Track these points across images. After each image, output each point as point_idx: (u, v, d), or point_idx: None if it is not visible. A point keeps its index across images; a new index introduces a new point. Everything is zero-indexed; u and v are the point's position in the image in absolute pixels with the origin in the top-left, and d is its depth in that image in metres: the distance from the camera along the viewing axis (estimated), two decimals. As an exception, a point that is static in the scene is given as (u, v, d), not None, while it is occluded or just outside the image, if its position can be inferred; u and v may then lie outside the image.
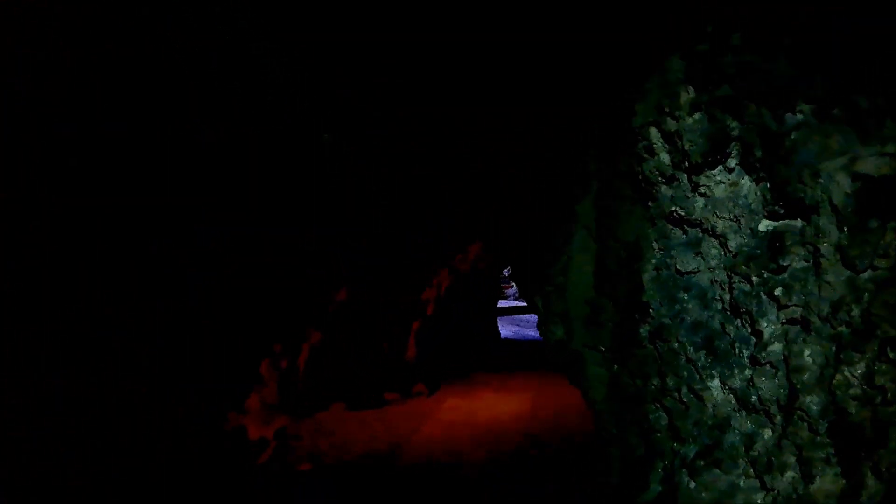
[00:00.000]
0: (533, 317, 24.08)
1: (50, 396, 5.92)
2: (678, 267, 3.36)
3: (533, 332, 20.52)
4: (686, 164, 3.10)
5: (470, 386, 12.87)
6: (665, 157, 3.38)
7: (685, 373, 3.42)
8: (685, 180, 3.18)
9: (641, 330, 3.97)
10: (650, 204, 3.65)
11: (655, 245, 3.67)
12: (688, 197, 3.18)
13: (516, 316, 24.56)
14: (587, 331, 5.28)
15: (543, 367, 14.72)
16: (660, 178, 3.47)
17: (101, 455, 6.44)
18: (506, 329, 21.10)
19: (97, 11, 4.77)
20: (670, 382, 3.60)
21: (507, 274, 28.56)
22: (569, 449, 8.80)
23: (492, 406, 11.26)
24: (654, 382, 3.89)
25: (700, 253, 3.23)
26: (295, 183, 7.94)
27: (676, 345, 3.49)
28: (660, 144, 3.35)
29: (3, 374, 5.54)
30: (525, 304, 26.76)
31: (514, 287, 28.65)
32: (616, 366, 4.74)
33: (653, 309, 3.74)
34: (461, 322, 14.61)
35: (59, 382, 5.95)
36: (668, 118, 3.13)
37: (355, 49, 5.80)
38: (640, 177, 3.64)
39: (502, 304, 25.55)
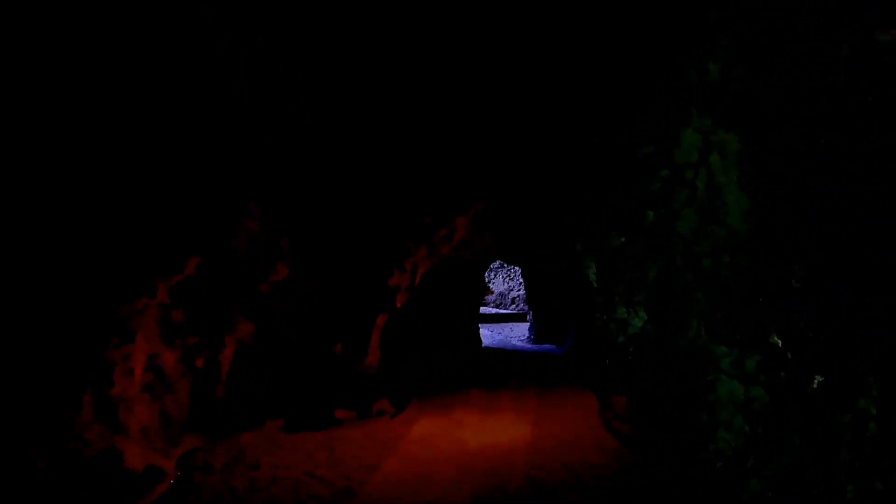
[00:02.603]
0: (519, 325, 21.33)
1: None
2: None
3: (518, 342, 17.73)
4: None
5: (448, 404, 9.99)
6: None
7: None
8: None
9: None
10: None
11: None
12: None
13: (499, 324, 21.81)
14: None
15: (537, 382, 11.92)
16: None
17: None
18: (487, 338, 18.29)
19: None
20: None
21: (488, 278, 25.84)
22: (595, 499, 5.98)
23: (478, 432, 8.39)
24: None
25: None
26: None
27: None
28: None
29: None
30: (508, 311, 24.02)
31: (495, 293, 25.88)
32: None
33: None
34: (438, 322, 11.76)
35: None
36: None
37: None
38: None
39: (482, 310, 22.75)
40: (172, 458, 7.24)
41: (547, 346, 16.94)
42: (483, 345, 16.41)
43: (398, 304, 9.11)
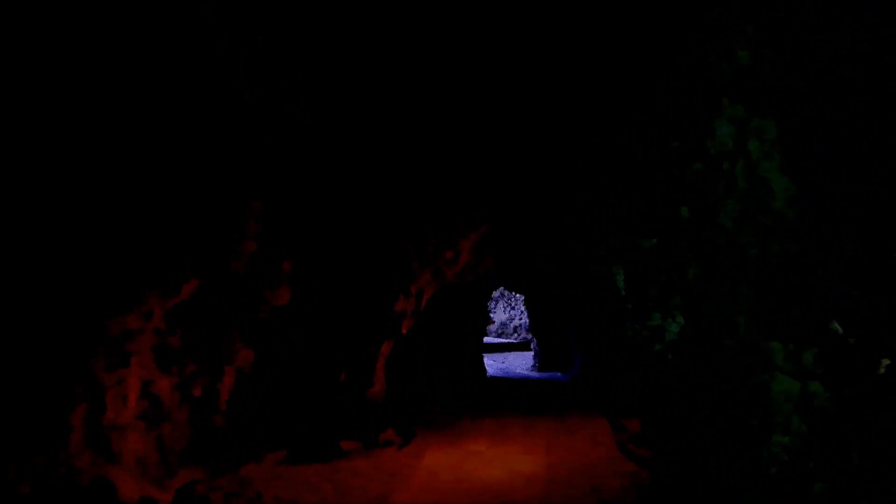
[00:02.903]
0: (522, 354, 21.01)
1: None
2: None
3: (523, 370, 17.38)
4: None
5: (456, 433, 9.64)
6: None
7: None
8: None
9: None
10: None
11: None
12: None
13: (501, 353, 21.47)
14: None
15: (545, 409, 11.57)
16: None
17: None
18: (491, 367, 17.94)
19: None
20: None
21: (489, 307, 25.58)
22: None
23: (491, 463, 8.05)
24: None
25: None
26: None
27: None
28: None
29: None
30: (510, 340, 23.71)
31: (497, 322, 25.58)
32: None
33: None
34: (442, 347, 11.48)
35: None
36: None
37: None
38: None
39: (484, 340, 22.43)
40: (170, 489, 6.90)
41: (552, 373, 16.61)
42: (487, 374, 16.08)
43: (404, 331, 8.85)
